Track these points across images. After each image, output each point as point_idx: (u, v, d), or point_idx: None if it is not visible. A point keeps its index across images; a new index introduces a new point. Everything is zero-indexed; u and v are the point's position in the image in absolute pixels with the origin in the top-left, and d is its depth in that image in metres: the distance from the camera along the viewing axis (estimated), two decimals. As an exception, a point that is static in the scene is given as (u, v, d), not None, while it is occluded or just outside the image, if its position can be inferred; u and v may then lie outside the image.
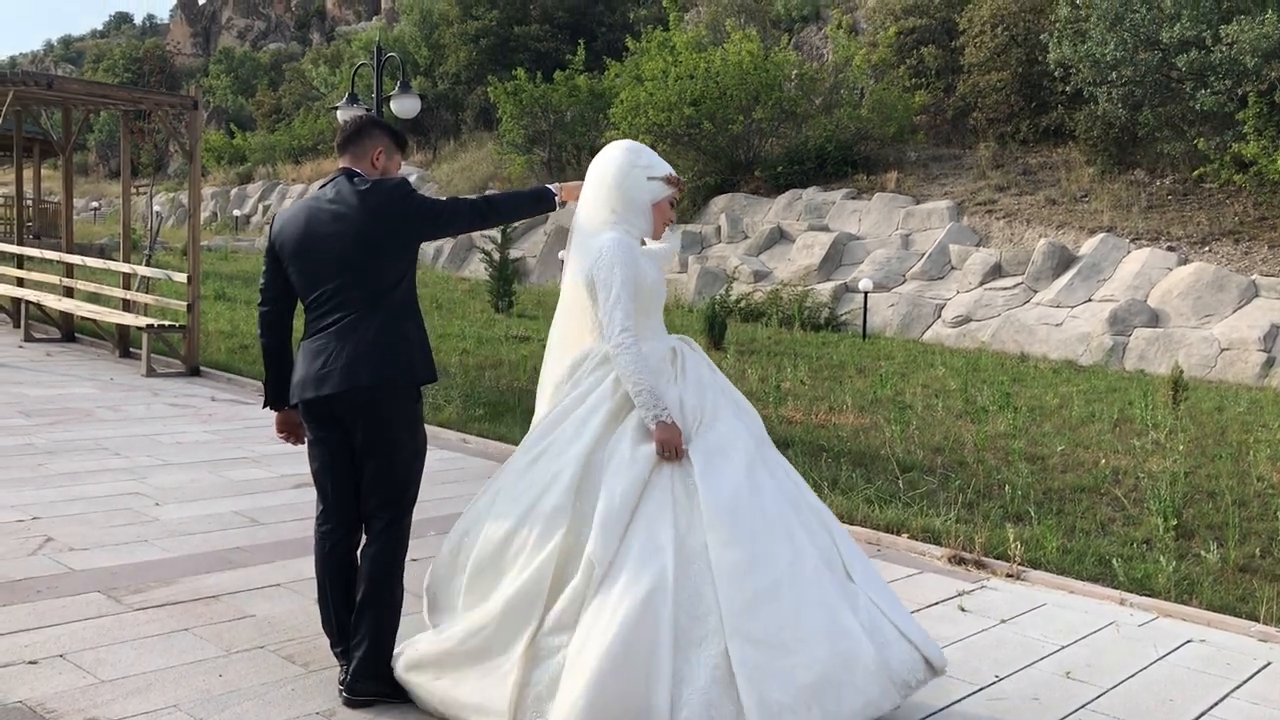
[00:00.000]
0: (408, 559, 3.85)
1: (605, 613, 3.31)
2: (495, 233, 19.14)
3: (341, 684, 3.78)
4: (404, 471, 3.76)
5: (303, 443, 3.93)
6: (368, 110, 14.99)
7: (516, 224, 22.63)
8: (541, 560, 3.45)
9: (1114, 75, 17.68)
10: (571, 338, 3.84)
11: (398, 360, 3.65)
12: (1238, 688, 4.32)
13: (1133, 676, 4.37)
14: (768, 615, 3.36)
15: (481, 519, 3.68)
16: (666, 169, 3.86)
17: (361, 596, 3.72)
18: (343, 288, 3.64)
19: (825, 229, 20.71)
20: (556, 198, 3.96)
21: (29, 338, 13.45)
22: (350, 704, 3.71)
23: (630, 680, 3.23)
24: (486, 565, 3.59)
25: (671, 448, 3.52)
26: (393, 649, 3.76)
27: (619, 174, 3.80)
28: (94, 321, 13.19)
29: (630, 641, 3.25)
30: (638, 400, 3.57)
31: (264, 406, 4.00)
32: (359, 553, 3.81)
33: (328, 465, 3.80)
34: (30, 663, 3.98)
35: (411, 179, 30.19)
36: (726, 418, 3.67)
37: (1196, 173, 17.68)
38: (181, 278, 11.98)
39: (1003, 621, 4.94)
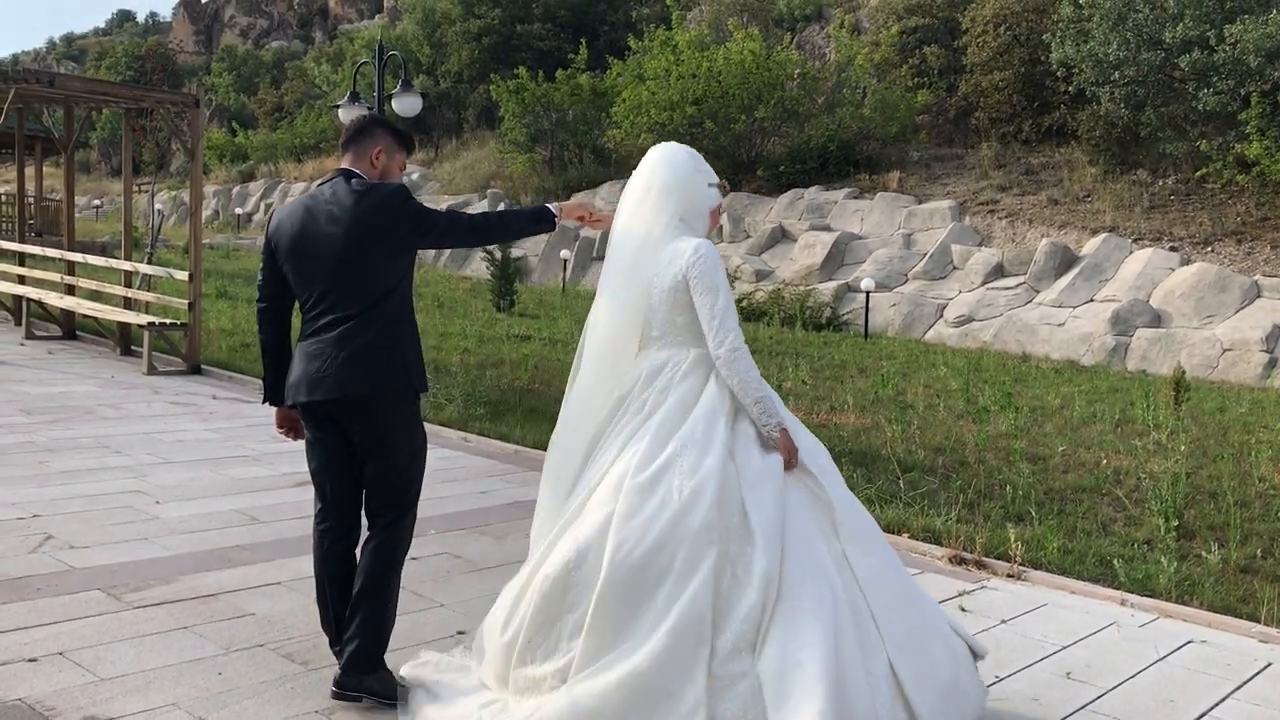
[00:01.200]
0: (407, 557, 3.84)
1: (805, 629, 3.19)
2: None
3: None
4: (404, 472, 3.75)
5: (302, 438, 3.92)
6: (369, 109, 14.98)
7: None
8: (699, 583, 3.21)
9: (1116, 75, 17.66)
10: (626, 344, 3.68)
11: (393, 367, 3.64)
12: (1238, 688, 4.31)
13: (1133, 677, 4.36)
14: (907, 620, 3.40)
15: (594, 547, 3.31)
16: (715, 176, 3.84)
17: (358, 589, 3.70)
18: (335, 289, 3.63)
19: (827, 228, 20.70)
20: (556, 218, 3.87)
21: (30, 335, 13.46)
22: (338, 698, 3.70)
23: (853, 694, 3.17)
24: (618, 598, 3.23)
25: (794, 456, 3.48)
26: (385, 646, 3.75)
27: (687, 179, 3.69)
28: (95, 319, 13.20)
29: (840, 656, 3.20)
30: (757, 408, 3.48)
31: (263, 402, 3.99)
32: (359, 547, 3.80)
33: (325, 465, 3.79)
34: (30, 660, 3.98)
35: (413, 177, 30.22)
36: (801, 429, 3.64)
37: (1199, 173, 17.65)
38: (183, 276, 11.99)
39: (1003, 622, 4.93)
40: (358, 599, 3.70)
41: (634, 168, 3.85)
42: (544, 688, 3.31)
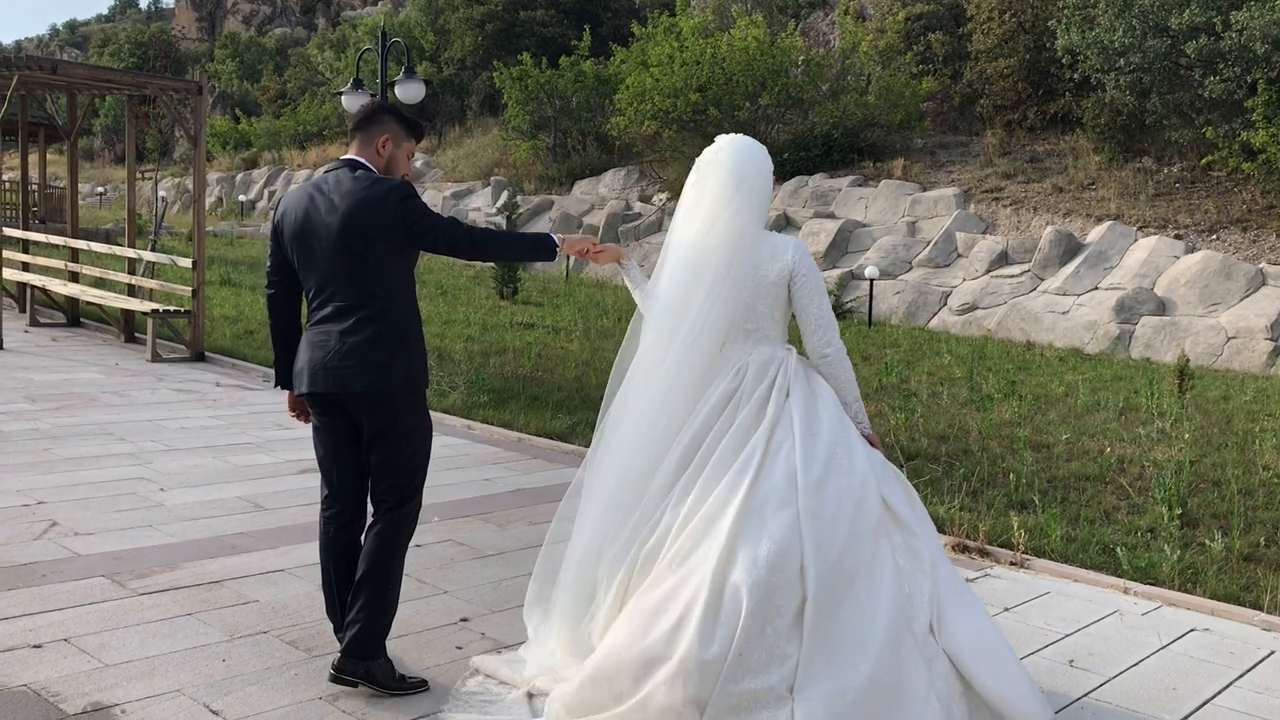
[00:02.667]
0: (410, 545, 3.85)
1: (971, 605, 3.48)
2: (500, 219, 19.13)
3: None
4: (409, 460, 3.75)
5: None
6: (373, 95, 14.95)
7: (522, 210, 22.60)
8: (890, 575, 3.32)
9: (1122, 62, 17.58)
10: (721, 337, 3.61)
11: (394, 364, 3.63)
12: (1241, 676, 4.31)
13: (1136, 665, 4.37)
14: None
15: (792, 548, 3.26)
16: None
17: (361, 574, 3.71)
18: (336, 279, 3.63)
19: (831, 216, 20.66)
20: (558, 249, 3.82)
21: (34, 322, 13.48)
22: (335, 681, 3.71)
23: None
24: (829, 598, 3.24)
25: (880, 450, 3.70)
26: (387, 632, 3.75)
27: (768, 177, 3.70)
28: (99, 306, 13.20)
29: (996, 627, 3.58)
30: (855, 407, 3.66)
31: (275, 386, 3.98)
32: (364, 534, 3.81)
33: (331, 451, 3.79)
34: (35, 647, 3.99)
35: (416, 165, 30.16)
36: None
37: (1204, 160, 17.59)
38: (186, 263, 11.99)
39: (1006, 610, 4.94)
40: (360, 583, 3.70)
41: (637, 154, 3.84)
42: (769, 701, 3.15)
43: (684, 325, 3.58)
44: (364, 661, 3.68)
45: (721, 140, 3.74)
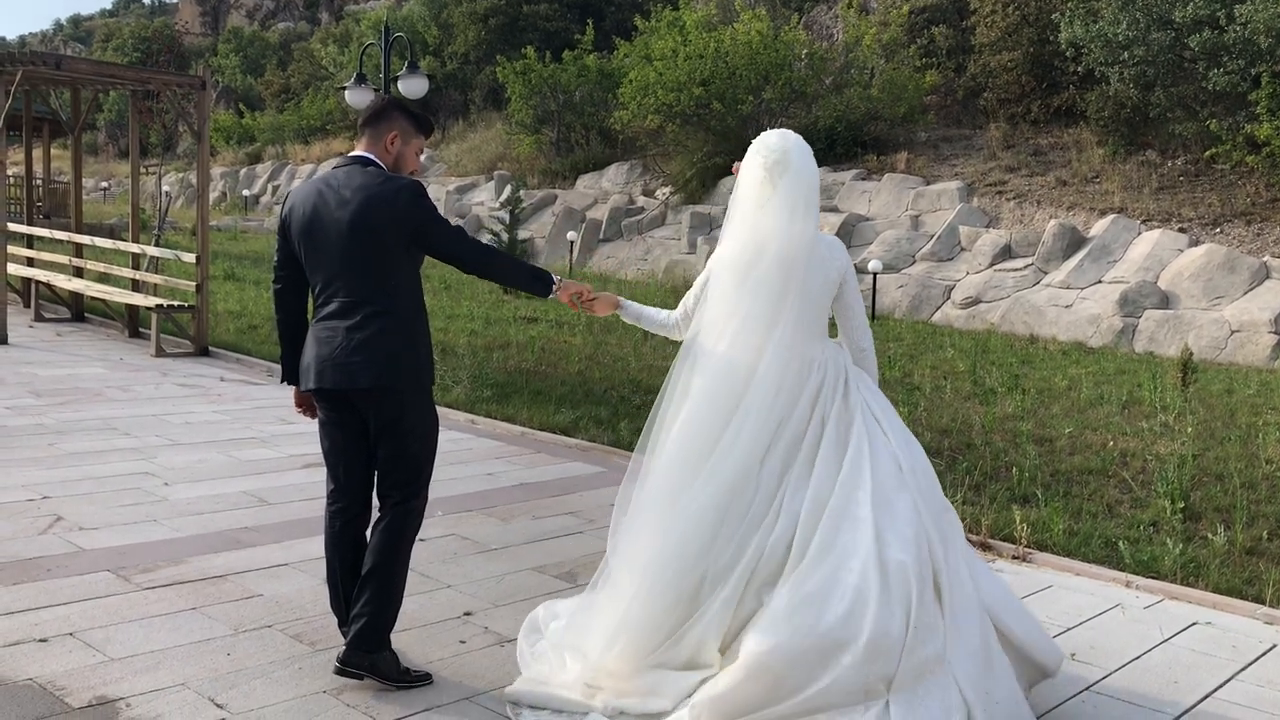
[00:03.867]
0: (416, 539, 3.86)
1: (986, 569, 3.89)
2: (504, 213, 19.13)
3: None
4: (416, 456, 3.77)
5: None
6: (376, 90, 14.95)
7: (525, 205, 22.60)
8: (959, 545, 3.69)
9: (1126, 55, 17.53)
10: (805, 331, 3.70)
11: (400, 361, 3.65)
12: (1243, 670, 4.32)
13: (1138, 659, 4.38)
14: None
15: (921, 528, 3.53)
16: None
17: (367, 568, 3.72)
18: (343, 275, 3.64)
19: (835, 210, 20.64)
20: (553, 288, 3.84)
21: (39, 318, 13.50)
22: (340, 674, 3.73)
23: None
24: (948, 570, 3.55)
25: None
26: (392, 625, 3.77)
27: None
28: (103, 301, 13.23)
29: None
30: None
31: (282, 381, 3.99)
32: (370, 528, 3.82)
33: (339, 445, 3.81)
34: (40, 641, 4.01)
35: (420, 160, 30.08)
36: None
37: (1208, 154, 17.54)
38: (190, 258, 12.01)
39: (1008, 603, 4.94)
40: (366, 576, 3.72)
41: (641, 148, 3.90)
42: (935, 667, 3.37)
43: (779, 321, 3.66)
44: (369, 655, 3.70)
45: (785, 139, 3.86)
